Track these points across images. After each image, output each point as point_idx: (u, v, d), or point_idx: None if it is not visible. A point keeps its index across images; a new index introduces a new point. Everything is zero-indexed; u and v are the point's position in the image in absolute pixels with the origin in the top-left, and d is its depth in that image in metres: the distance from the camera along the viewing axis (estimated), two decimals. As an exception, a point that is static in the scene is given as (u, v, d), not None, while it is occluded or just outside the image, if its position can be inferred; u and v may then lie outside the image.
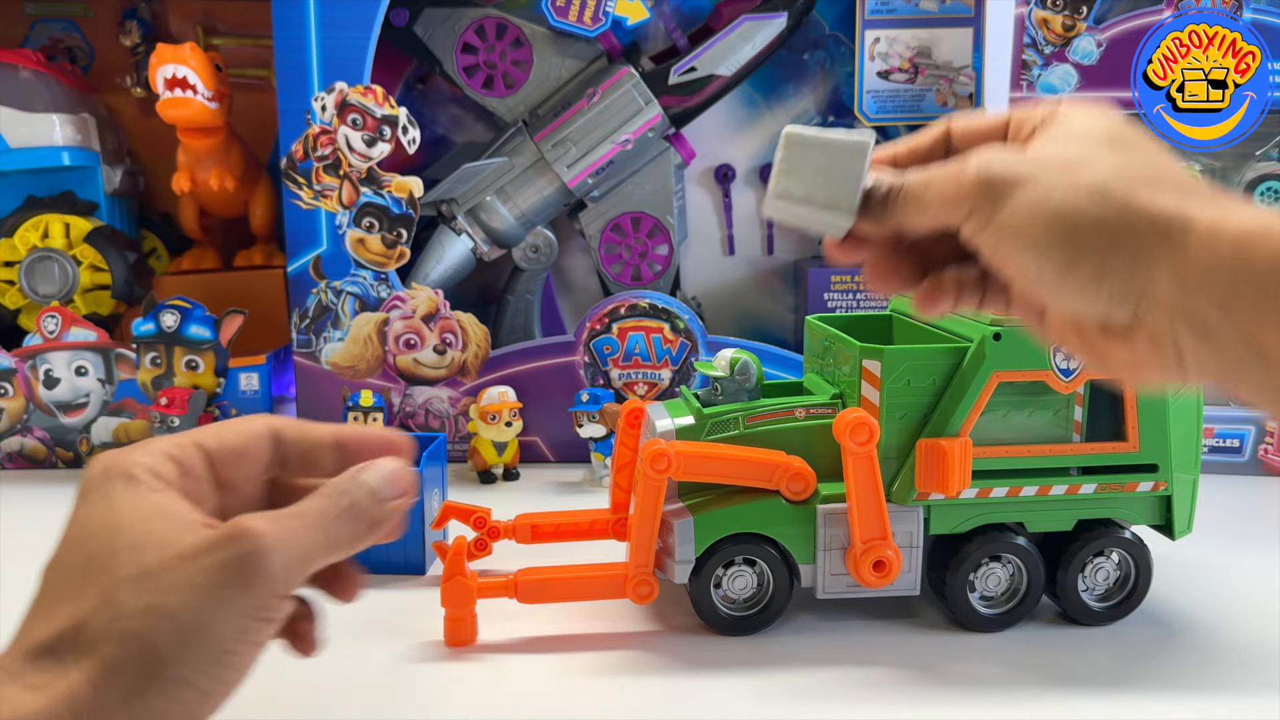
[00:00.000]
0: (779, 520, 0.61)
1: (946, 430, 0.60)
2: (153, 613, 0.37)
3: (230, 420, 0.45)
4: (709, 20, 1.03)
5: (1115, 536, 0.62)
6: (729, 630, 0.62)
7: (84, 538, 0.39)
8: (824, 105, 1.08)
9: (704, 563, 0.61)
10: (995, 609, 0.62)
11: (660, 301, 0.96)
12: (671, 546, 0.60)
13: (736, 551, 0.61)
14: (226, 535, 0.38)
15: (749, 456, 0.61)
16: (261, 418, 0.45)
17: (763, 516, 0.61)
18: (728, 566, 0.61)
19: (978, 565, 0.62)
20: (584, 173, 0.99)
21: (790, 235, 1.11)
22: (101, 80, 1.13)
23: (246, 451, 0.44)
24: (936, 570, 0.63)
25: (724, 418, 0.63)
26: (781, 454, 0.61)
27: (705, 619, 0.62)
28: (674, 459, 0.59)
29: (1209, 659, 0.59)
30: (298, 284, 0.95)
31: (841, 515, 0.60)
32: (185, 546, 0.38)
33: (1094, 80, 0.91)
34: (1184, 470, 0.63)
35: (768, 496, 0.61)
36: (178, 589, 0.37)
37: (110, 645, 0.36)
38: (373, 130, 0.92)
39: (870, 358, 0.61)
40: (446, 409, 0.97)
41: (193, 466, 0.42)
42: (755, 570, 0.62)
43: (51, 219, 1.00)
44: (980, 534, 0.62)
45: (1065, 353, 0.60)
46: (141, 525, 0.38)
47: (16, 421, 0.96)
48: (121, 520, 0.39)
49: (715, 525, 0.60)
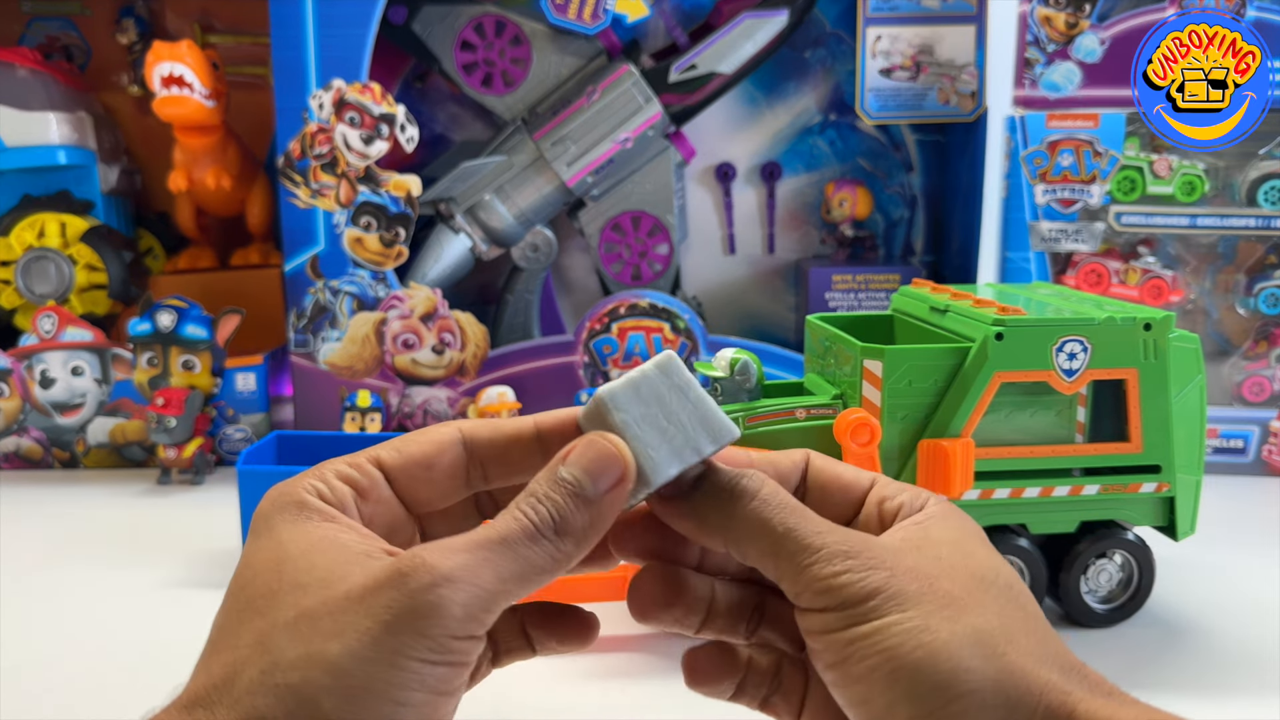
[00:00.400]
0: None
1: (948, 431, 0.59)
2: (312, 663, 0.31)
3: (415, 431, 0.38)
4: (709, 17, 1.02)
5: (1118, 538, 0.62)
6: None
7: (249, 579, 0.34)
8: (825, 103, 1.08)
9: None
10: (997, 611, 0.62)
11: (660, 301, 0.95)
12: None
13: None
14: (397, 571, 0.32)
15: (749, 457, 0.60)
16: (449, 424, 0.38)
17: None
18: None
19: (980, 567, 0.61)
20: (583, 171, 0.99)
21: (791, 235, 1.11)
22: (98, 78, 1.12)
23: (434, 463, 0.37)
24: (938, 572, 0.62)
25: None
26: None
27: None
28: None
29: (1212, 661, 0.59)
30: (295, 283, 0.95)
31: None
32: (352, 585, 0.32)
33: (1097, 78, 0.90)
34: (1187, 471, 0.62)
35: None
36: (340, 635, 0.31)
37: (264, 698, 0.31)
38: (370, 128, 0.91)
39: (871, 358, 0.60)
40: (445, 409, 0.97)
41: (371, 487, 0.36)
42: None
43: (48, 218, 0.99)
44: (982, 535, 0.61)
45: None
46: (306, 560, 0.33)
47: (12, 422, 0.95)
48: (286, 555, 0.34)
49: None
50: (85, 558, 0.74)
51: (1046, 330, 0.59)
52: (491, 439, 0.37)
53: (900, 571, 0.33)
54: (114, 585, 0.69)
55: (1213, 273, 0.94)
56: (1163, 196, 0.90)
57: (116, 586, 0.68)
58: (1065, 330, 0.59)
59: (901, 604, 0.32)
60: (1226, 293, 0.94)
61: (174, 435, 0.89)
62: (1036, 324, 0.59)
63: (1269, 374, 0.92)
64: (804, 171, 1.10)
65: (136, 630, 0.62)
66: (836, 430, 0.58)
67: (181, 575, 0.70)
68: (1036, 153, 0.90)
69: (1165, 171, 0.90)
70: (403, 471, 0.37)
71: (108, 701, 0.54)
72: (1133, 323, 0.59)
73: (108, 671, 0.57)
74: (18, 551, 0.75)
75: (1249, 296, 0.92)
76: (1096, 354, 0.59)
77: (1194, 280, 0.94)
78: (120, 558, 0.74)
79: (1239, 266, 0.93)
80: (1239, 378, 0.93)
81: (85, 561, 0.73)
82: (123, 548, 0.76)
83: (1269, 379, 0.92)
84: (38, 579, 0.70)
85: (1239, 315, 0.93)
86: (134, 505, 0.86)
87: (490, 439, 0.37)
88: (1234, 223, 0.90)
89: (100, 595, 0.67)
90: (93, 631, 0.62)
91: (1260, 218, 0.90)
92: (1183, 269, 0.93)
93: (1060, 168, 0.90)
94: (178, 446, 0.90)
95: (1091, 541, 0.62)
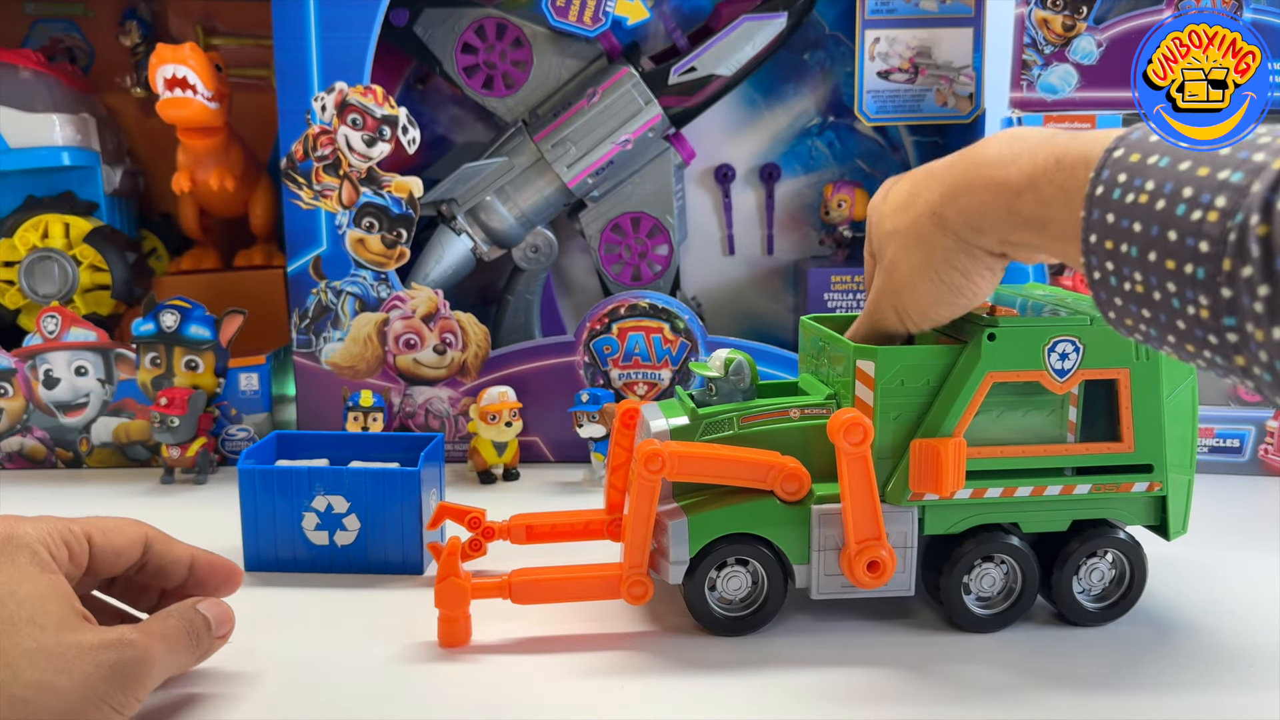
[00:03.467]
0: (773, 521, 0.61)
1: (941, 430, 0.60)
2: (45, 689, 0.44)
3: (114, 521, 0.54)
4: (709, 20, 1.03)
5: (1110, 537, 0.62)
6: (723, 631, 0.62)
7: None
8: (824, 105, 1.08)
9: (698, 563, 0.61)
10: (990, 609, 0.62)
11: (660, 301, 0.96)
12: (665, 547, 0.60)
13: (731, 552, 0.61)
14: (121, 640, 0.47)
15: (743, 457, 0.61)
16: (139, 526, 0.55)
17: (757, 517, 0.61)
18: (722, 567, 0.61)
19: (972, 566, 0.62)
20: (584, 173, 0.99)
21: (790, 236, 1.11)
22: (101, 80, 1.13)
23: (123, 554, 0.53)
24: (931, 571, 0.63)
25: (719, 418, 0.63)
26: (776, 454, 0.61)
27: (699, 620, 0.62)
28: (668, 459, 0.59)
29: (1204, 659, 0.59)
30: (297, 284, 0.95)
31: (836, 516, 0.60)
32: (85, 640, 0.46)
33: (1094, 80, 0.91)
34: (1179, 471, 0.62)
35: (762, 497, 0.61)
36: (69, 673, 0.45)
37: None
38: (373, 130, 0.92)
39: (864, 358, 0.61)
40: (446, 409, 0.97)
41: (79, 555, 0.51)
42: (749, 571, 0.62)
43: (51, 219, 1.00)
44: (975, 534, 0.62)
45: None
46: (41, 604, 0.46)
47: (16, 421, 0.96)
48: (24, 594, 0.46)
49: (709, 526, 0.60)
50: (89, 556, 0.74)
51: (1038, 331, 0.59)
52: (162, 552, 0.55)
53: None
54: (117, 583, 0.69)
55: (1209, 274, 0.94)
56: (1159, 198, 0.91)
57: (120, 584, 0.69)
58: (1057, 330, 0.59)
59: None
60: (1223, 293, 0.94)
61: (177, 435, 0.90)
62: (1028, 325, 0.60)
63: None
64: (803, 173, 1.10)
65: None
66: (830, 430, 0.58)
67: (184, 573, 0.71)
68: (1033, 154, 0.91)
69: (1162, 173, 0.90)
70: (102, 552, 0.52)
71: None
72: None
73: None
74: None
75: (1245, 297, 0.93)
76: (1088, 354, 0.60)
77: (1191, 281, 0.94)
78: (124, 556, 0.74)
79: (1235, 267, 0.94)
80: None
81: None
82: (126, 546, 0.76)
83: (1265, 379, 0.92)
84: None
85: (1235, 316, 0.94)
86: (137, 505, 0.87)
87: (161, 552, 0.55)
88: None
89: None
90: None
91: (1256, 219, 0.90)
92: (1179, 270, 0.94)
93: (1057, 169, 0.90)
94: (181, 446, 0.91)
95: (1083, 540, 0.62)
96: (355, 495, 0.69)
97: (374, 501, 0.69)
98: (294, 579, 0.70)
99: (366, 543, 0.70)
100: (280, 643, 0.60)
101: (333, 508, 0.69)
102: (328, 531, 0.70)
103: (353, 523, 0.70)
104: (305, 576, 0.70)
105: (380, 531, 0.70)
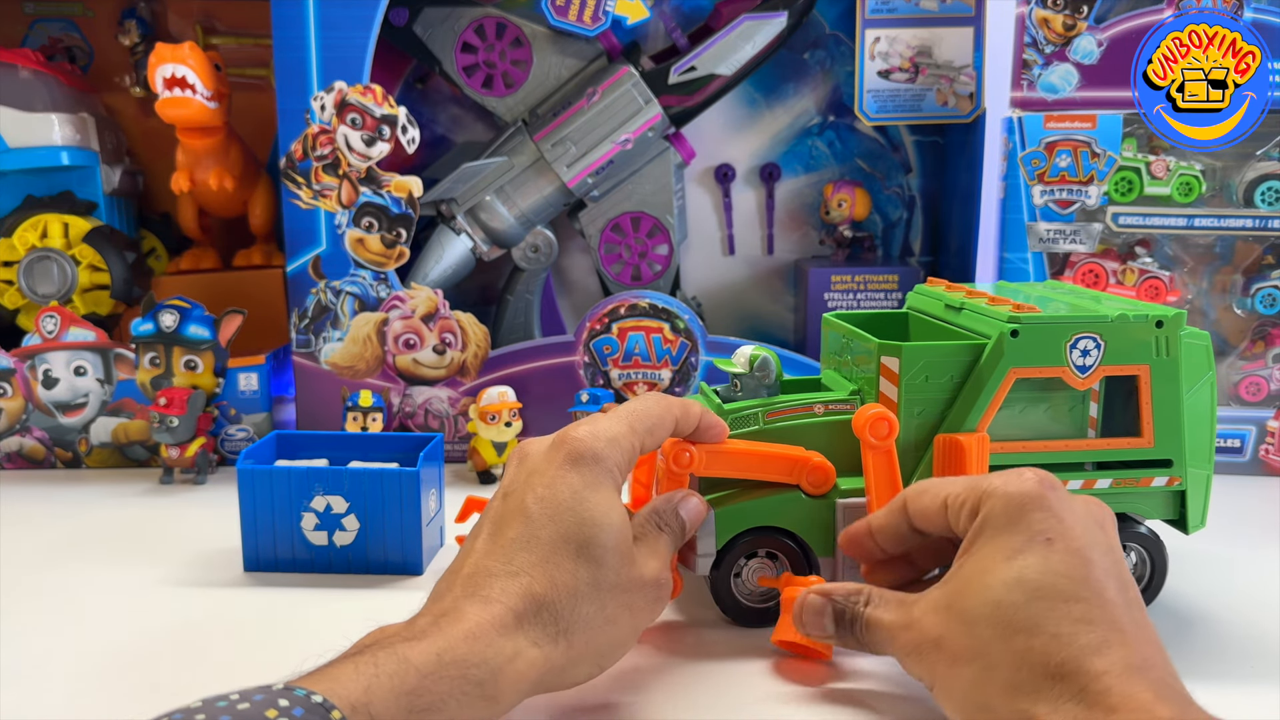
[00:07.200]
0: (798, 514, 0.61)
1: (964, 426, 0.60)
2: (610, 623, 0.48)
3: (657, 417, 0.55)
4: (709, 19, 1.03)
5: (1131, 531, 0.62)
6: (749, 622, 0.62)
7: (555, 513, 0.48)
8: (824, 105, 1.08)
9: (724, 555, 0.61)
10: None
11: (660, 301, 0.95)
12: (693, 540, 0.61)
13: (756, 545, 0.61)
14: (663, 582, 0.52)
15: (769, 452, 0.61)
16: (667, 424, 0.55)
17: (782, 510, 0.61)
18: (748, 559, 0.62)
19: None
20: (584, 172, 0.99)
21: (790, 235, 1.11)
22: (101, 80, 1.13)
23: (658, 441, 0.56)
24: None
25: (744, 413, 0.63)
26: (801, 449, 0.61)
27: (725, 611, 0.62)
28: (696, 454, 0.59)
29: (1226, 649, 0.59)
30: (297, 284, 0.95)
31: (860, 509, 0.60)
32: (647, 576, 0.50)
33: (1094, 80, 0.90)
34: (1198, 465, 0.63)
35: (787, 491, 0.61)
36: (631, 611, 0.49)
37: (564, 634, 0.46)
38: (372, 130, 0.92)
39: (889, 354, 0.61)
40: (446, 409, 0.97)
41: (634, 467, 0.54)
42: (775, 563, 0.62)
43: (50, 219, 1.00)
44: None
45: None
46: (613, 533, 0.48)
47: (15, 421, 0.96)
48: (596, 518, 0.48)
49: (736, 519, 0.61)
50: (87, 557, 0.74)
51: (1061, 328, 0.60)
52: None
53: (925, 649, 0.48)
54: (116, 584, 0.69)
55: (1210, 273, 0.94)
56: (1160, 197, 0.91)
57: (119, 586, 0.69)
58: (1079, 328, 0.60)
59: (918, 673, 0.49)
60: (1223, 293, 0.94)
61: (176, 435, 0.90)
62: (1051, 321, 0.60)
63: (1266, 374, 0.92)
64: (803, 173, 1.10)
65: (138, 629, 0.62)
66: (855, 425, 0.59)
67: (184, 574, 0.71)
68: (1034, 154, 0.91)
69: (1163, 172, 0.90)
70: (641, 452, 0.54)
71: (109, 701, 0.54)
72: (1145, 320, 0.60)
73: (109, 671, 0.57)
74: (20, 551, 0.75)
75: (1246, 297, 0.93)
76: (1109, 351, 0.60)
77: (1191, 281, 0.94)
78: (122, 557, 0.74)
79: (1236, 267, 0.94)
80: (1236, 378, 0.93)
81: (87, 561, 0.74)
82: (125, 547, 0.76)
83: (1266, 379, 0.93)
84: (40, 579, 0.70)
85: (1236, 315, 0.94)
86: (136, 505, 0.87)
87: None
88: (1231, 223, 0.91)
89: (102, 594, 0.68)
90: (94, 631, 0.62)
91: (1257, 218, 0.90)
92: (1180, 269, 0.94)
93: (1058, 169, 0.91)
94: (180, 446, 0.91)
95: (1105, 534, 0.62)
96: (354, 495, 0.69)
97: (373, 502, 0.69)
98: (293, 579, 0.69)
99: (366, 543, 0.70)
100: (280, 643, 0.60)
101: (332, 508, 0.69)
102: (327, 532, 0.70)
103: (352, 523, 0.69)
104: (304, 577, 0.70)
105: (379, 532, 0.70)
